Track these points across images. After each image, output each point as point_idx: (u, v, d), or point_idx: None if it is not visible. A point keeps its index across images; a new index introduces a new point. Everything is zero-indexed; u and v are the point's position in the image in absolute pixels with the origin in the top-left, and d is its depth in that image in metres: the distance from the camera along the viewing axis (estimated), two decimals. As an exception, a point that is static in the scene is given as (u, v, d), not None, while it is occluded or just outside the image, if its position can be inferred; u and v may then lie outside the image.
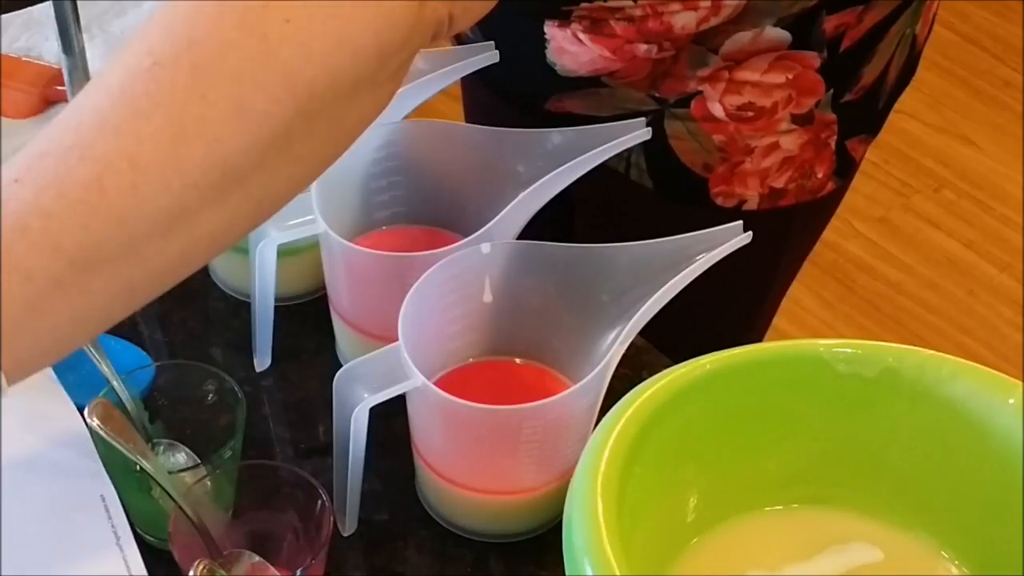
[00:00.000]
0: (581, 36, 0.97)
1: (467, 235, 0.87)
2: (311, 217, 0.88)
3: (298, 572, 0.76)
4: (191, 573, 0.74)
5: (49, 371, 0.90)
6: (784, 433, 0.75)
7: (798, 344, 0.75)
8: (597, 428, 0.70)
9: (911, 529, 0.75)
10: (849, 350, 0.74)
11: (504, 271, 0.87)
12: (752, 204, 1.03)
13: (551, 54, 1.00)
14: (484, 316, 0.89)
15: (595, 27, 0.96)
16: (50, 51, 1.21)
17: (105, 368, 0.85)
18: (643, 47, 0.95)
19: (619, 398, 0.72)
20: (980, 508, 0.73)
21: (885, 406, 0.74)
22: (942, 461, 0.74)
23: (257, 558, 0.79)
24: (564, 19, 0.97)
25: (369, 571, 0.85)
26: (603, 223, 1.09)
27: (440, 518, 0.88)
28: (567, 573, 0.66)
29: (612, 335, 0.83)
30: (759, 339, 1.20)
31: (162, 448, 0.86)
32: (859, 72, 1.00)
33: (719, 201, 1.03)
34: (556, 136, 0.91)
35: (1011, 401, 0.71)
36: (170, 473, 0.79)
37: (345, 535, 0.86)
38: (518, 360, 0.91)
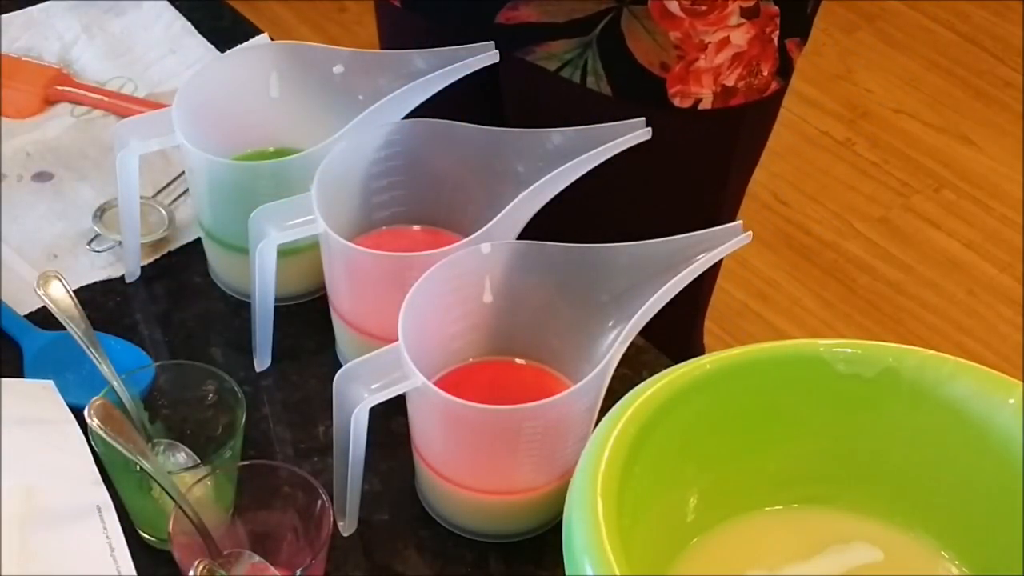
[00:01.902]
0: None
1: (467, 235, 0.87)
2: (311, 217, 0.88)
3: (298, 572, 0.76)
4: (191, 573, 0.74)
5: (49, 382, 0.90)
6: (784, 433, 0.75)
7: (798, 344, 0.75)
8: (597, 428, 0.70)
9: (911, 529, 0.75)
10: (849, 350, 0.74)
11: (504, 271, 0.87)
12: (707, 103, 1.04)
13: None
14: (484, 316, 0.89)
15: None
16: (50, 51, 1.21)
17: (105, 368, 0.85)
18: None
19: (619, 398, 0.72)
20: (980, 508, 0.73)
21: (885, 406, 0.74)
22: (942, 461, 0.74)
23: (257, 558, 0.79)
24: None
25: (369, 571, 0.86)
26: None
27: (440, 518, 0.88)
28: (567, 573, 0.66)
29: (612, 335, 0.83)
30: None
31: (162, 448, 0.87)
32: None
33: (676, 101, 1.03)
34: (556, 136, 0.91)
35: (1011, 401, 0.71)
36: (170, 473, 0.79)
37: (345, 535, 0.86)
38: (518, 360, 0.91)
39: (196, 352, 0.97)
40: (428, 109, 0.96)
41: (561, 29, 0.99)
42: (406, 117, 0.96)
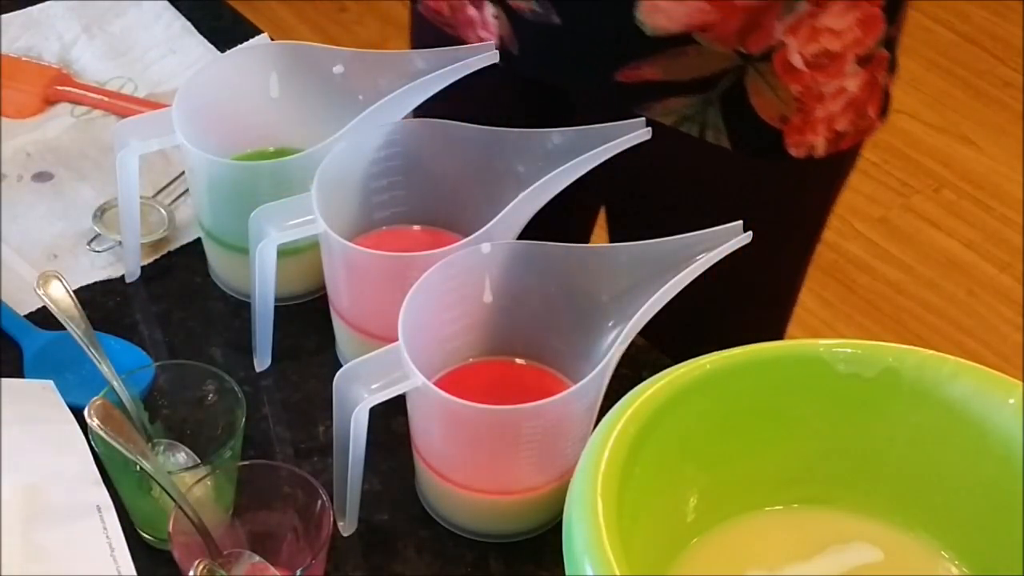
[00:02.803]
0: None
1: (467, 235, 0.87)
2: (311, 217, 0.88)
3: (298, 572, 0.76)
4: (191, 573, 0.74)
5: (49, 382, 0.90)
6: (784, 433, 0.75)
7: (798, 344, 0.75)
8: (597, 428, 0.70)
9: (911, 529, 0.75)
10: (849, 350, 0.74)
11: (504, 271, 0.87)
12: (820, 151, 1.05)
13: (642, 12, 0.97)
14: (484, 316, 0.89)
15: None
16: (50, 51, 1.21)
17: (105, 368, 0.85)
18: None
19: (619, 398, 0.72)
20: (980, 508, 0.73)
21: (885, 406, 0.74)
22: (942, 461, 0.74)
23: (257, 558, 0.79)
24: None
25: (369, 571, 0.85)
26: (675, 191, 1.10)
27: (440, 518, 0.88)
28: (567, 573, 0.66)
29: (612, 335, 0.83)
30: (800, 285, 1.21)
31: (162, 448, 0.87)
32: (906, 5, 1.03)
33: (792, 152, 1.04)
34: (556, 136, 0.91)
35: (1011, 401, 0.71)
36: (170, 473, 0.79)
37: (345, 535, 0.86)
38: (518, 360, 0.91)
39: (196, 352, 0.97)
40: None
41: (683, 86, 1.00)
42: (407, 117, 0.96)
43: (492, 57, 0.96)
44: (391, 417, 0.87)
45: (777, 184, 1.07)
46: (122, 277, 1.02)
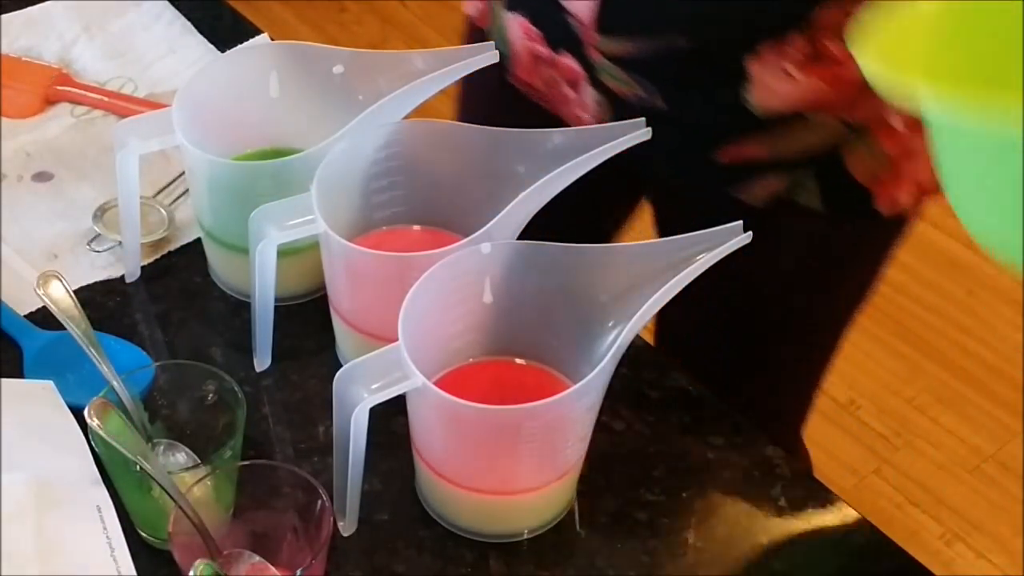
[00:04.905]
0: (791, 70, 0.93)
1: (467, 235, 0.87)
2: (311, 217, 0.88)
3: (298, 572, 0.76)
4: (191, 573, 0.74)
5: (49, 382, 0.90)
6: None
7: None
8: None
9: None
10: None
11: (504, 271, 0.87)
12: (906, 207, 1.04)
13: (754, 96, 0.95)
14: (484, 316, 0.89)
15: (810, 59, 0.92)
16: (50, 51, 1.21)
17: (105, 368, 0.85)
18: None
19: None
20: None
21: None
22: None
23: (257, 558, 0.79)
24: (779, 36, 0.92)
25: (369, 571, 0.86)
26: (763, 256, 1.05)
27: (440, 518, 0.88)
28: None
29: (612, 335, 0.83)
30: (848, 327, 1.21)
31: (162, 448, 0.87)
32: None
33: (882, 210, 1.03)
34: (556, 136, 0.91)
35: None
36: (170, 473, 0.79)
37: (345, 535, 0.86)
38: (518, 360, 0.91)
39: (196, 352, 0.97)
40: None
41: (787, 162, 0.98)
42: (407, 117, 0.96)
43: (492, 57, 0.96)
44: (391, 417, 0.87)
45: (865, 243, 1.08)
46: (122, 277, 1.02)
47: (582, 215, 0.92)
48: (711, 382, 0.97)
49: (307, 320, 0.99)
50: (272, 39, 1.18)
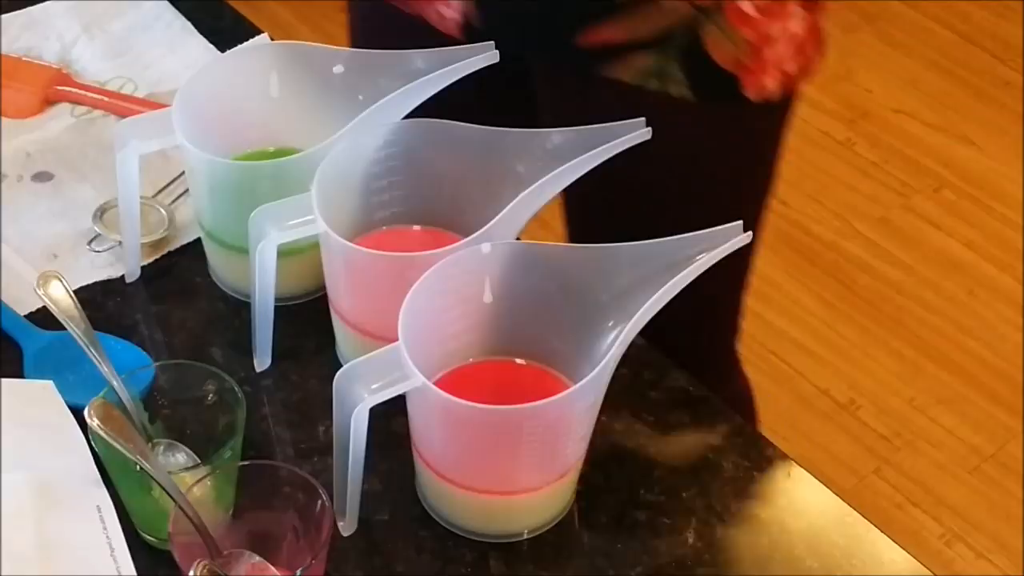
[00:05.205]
0: None
1: (467, 235, 0.87)
2: (311, 217, 0.88)
3: (298, 572, 0.76)
4: (191, 573, 0.74)
5: (49, 382, 0.90)
6: None
7: None
8: None
9: None
10: None
11: (504, 271, 0.87)
12: (774, 94, 1.09)
13: None
14: (484, 316, 0.89)
15: None
16: (50, 51, 1.21)
17: (105, 368, 0.85)
18: None
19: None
20: None
21: None
22: None
23: (257, 558, 0.79)
24: None
25: (369, 571, 0.86)
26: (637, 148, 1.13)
27: (440, 518, 0.88)
28: None
29: (612, 335, 0.83)
30: (760, 224, 1.25)
31: (162, 448, 0.87)
32: None
33: (749, 95, 1.07)
34: (556, 136, 0.91)
35: None
36: (170, 473, 0.79)
37: (345, 535, 0.86)
38: (518, 360, 0.91)
39: (196, 352, 0.97)
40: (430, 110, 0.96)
41: (643, 43, 1.04)
42: (406, 117, 0.96)
43: (492, 57, 0.96)
44: (391, 417, 0.87)
45: (736, 131, 1.12)
46: (122, 277, 1.02)
47: (481, 118, 0.95)
48: None
49: (307, 320, 0.99)
50: (272, 39, 1.18)
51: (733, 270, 1.25)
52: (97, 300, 1.00)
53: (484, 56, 0.96)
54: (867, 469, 1.90)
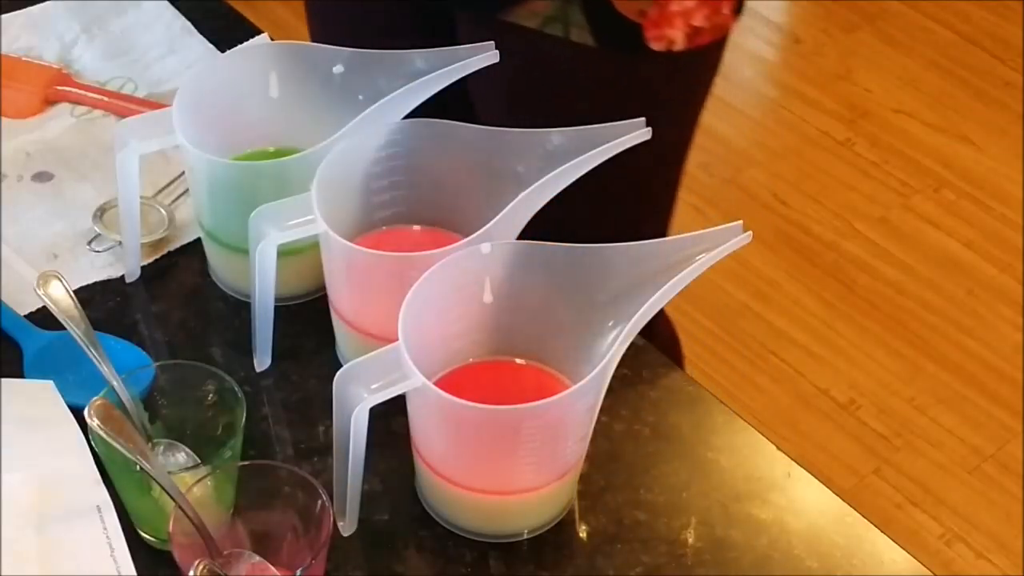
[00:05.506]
0: None
1: (467, 235, 0.87)
2: (311, 217, 0.88)
3: (298, 572, 0.76)
4: (191, 573, 0.74)
5: (49, 382, 0.90)
6: None
7: None
8: None
9: None
10: None
11: (504, 271, 0.87)
12: (679, 45, 1.09)
13: None
14: (484, 316, 0.89)
15: None
16: (50, 51, 1.21)
17: (105, 368, 0.85)
18: None
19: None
20: None
21: None
22: None
23: (257, 558, 0.79)
24: None
25: (369, 571, 0.86)
26: (541, 95, 1.15)
27: (440, 518, 0.88)
28: None
29: (612, 335, 0.83)
30: (676, 180, 1.27)
31: (162, 448, 0.87)
32: None
33: (653, 45, 1.09)
34: (556, 136, 0.91)
35: None
36: (170, 473, 0.79)
37: (345, 535, 0.86)
38: (518, 360, 0.91)
39: (196, 352, 0.97)
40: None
41: None
42: (406, 117, 0.96)
43: (492, 57, 0.96)
44: (391, 417, 0.87)
45: (642, 80, 1.13)
46: (122, 277, 1.02)
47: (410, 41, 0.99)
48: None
49: (307, 320, 0.99)
50: (272, 39, 1.18)
51: (655, 216, 1.27)
52: (97, 300, 1.00)
53: (484, 56, 0.96)
54: (867, 469, 1.90)
